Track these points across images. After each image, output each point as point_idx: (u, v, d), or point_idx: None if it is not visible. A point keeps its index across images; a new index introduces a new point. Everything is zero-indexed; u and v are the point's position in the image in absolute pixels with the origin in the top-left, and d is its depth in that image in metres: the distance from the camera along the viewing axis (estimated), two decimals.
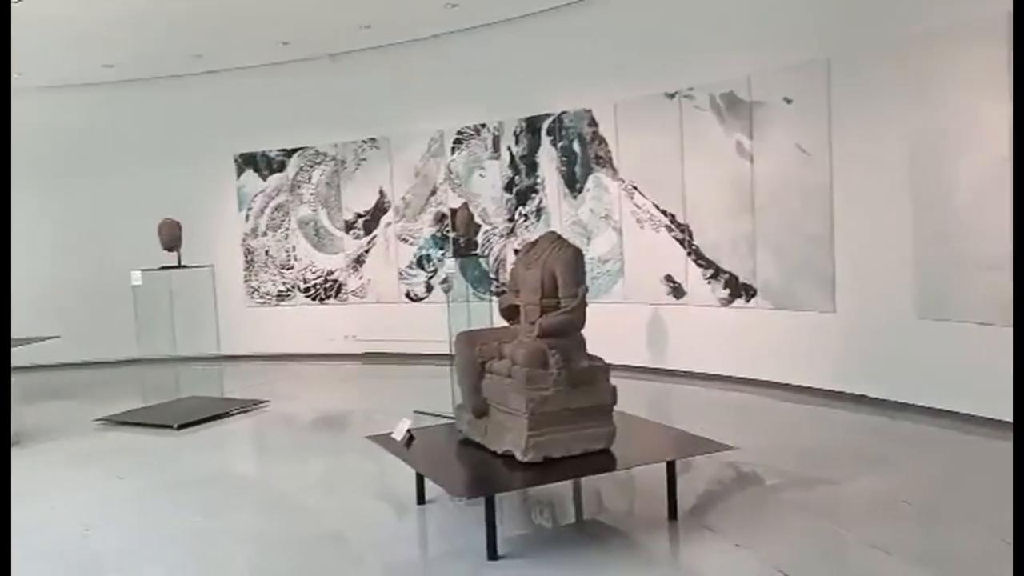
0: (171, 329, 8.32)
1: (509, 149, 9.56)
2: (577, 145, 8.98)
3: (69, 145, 11.03)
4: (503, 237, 9.67)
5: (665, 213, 8.27)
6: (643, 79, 8.28)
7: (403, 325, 10.12)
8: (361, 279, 10.73)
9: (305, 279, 10.99)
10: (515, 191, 9.56)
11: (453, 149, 9.99)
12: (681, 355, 8.31)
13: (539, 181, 9.34)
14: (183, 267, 7.89)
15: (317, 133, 10.68)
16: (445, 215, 10.06)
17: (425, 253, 10.29)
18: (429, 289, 10.24)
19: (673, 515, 4.44)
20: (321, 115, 10.53)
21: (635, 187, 8.53)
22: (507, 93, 9.43)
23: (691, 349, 8.22)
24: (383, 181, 10.48)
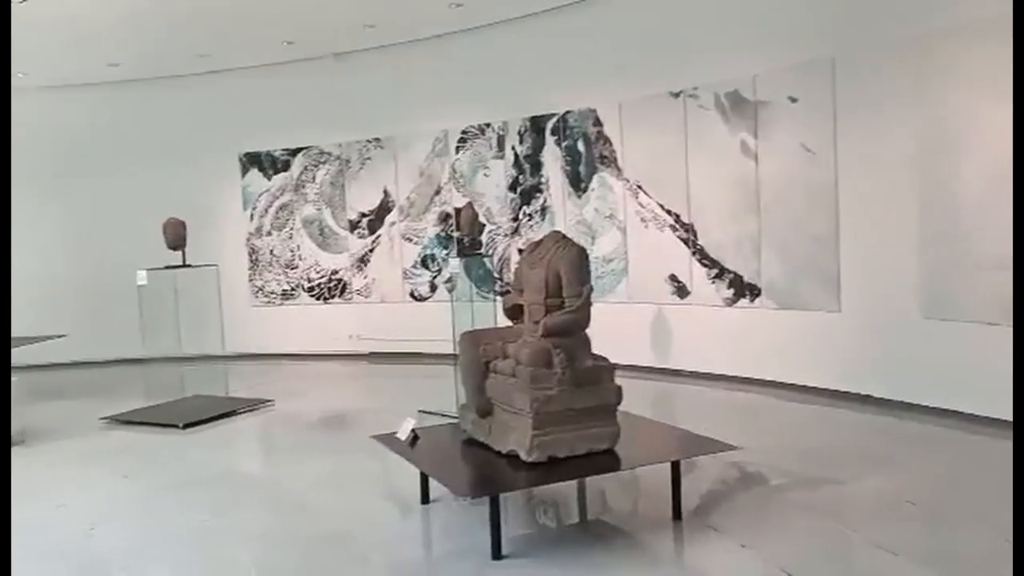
0: (176, 328, 8.33)
1: (513, 148, 9.56)
2: (581, 144, 8.97)
3: (74, 145, 11.05)
4: (507, 236, 9.67)
5: (669, 212, 8.27)
6: (647, 78, 8.28)
7: (407, 324, 10.11)
8: (365, 278, 10.74)
9: (309, 278, 11.00)
10: (519, 190, 9.56)
11: (457, 148, 9.99)
12: (685, 355, 8.30)
13: (543, 180, 9.34)
14: (188, 266, 7.89)
15: (321, 133, 10.69)
16: (449, 214, 10.06)
17: (429, 252, 10.29)
18: (433, 288, 10.24)
19: (678, 515, 4.44)
20: (326, 115, 10.53)
21: (639, 186, 8.52)
22: (511, 92, 9.43)
23: (695, 349, 8.21)
24: (387, 180, 10.49)
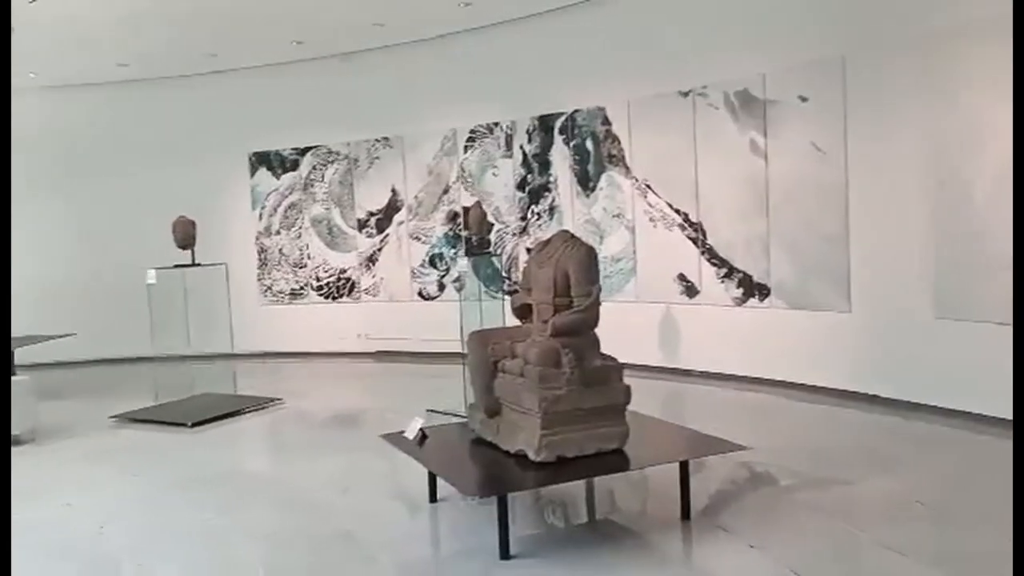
0: (185, 327, 8.35)
1: (522, 147, 9.55)
2: (590, 143, 8.96)
3: (84, 145, 11.10)
4: (516, 235, 9.66)
5: (678, 212, 8.24)
6: (656, 77, 8.25)
7: (415, 324, 10.12)
8: (374, 277, 10.75)
9: (318, 277, 11.02)
10: (528, 190, 9.55)
11: (466, 148, 9.99)
12: (694, 354, 8.28)
13: (552, 180, 9.33)
14: (197, 265, 7.92)
15: (330, 132, 10.71)
16: (458, 214, 10.06)
17: (437, 252, 10.29)
18: (441, 288, 10.24)
19: (686, 515, 4.42)
20: (334, 114, 10.55)
21: (648, 186, 8.50)
22: (520, 91, 9.42)
23: (704, 349, 8.19)
24: (396, 180, 10.49)
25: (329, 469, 6.00)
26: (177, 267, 7.88)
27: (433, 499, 4.86)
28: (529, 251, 8.20)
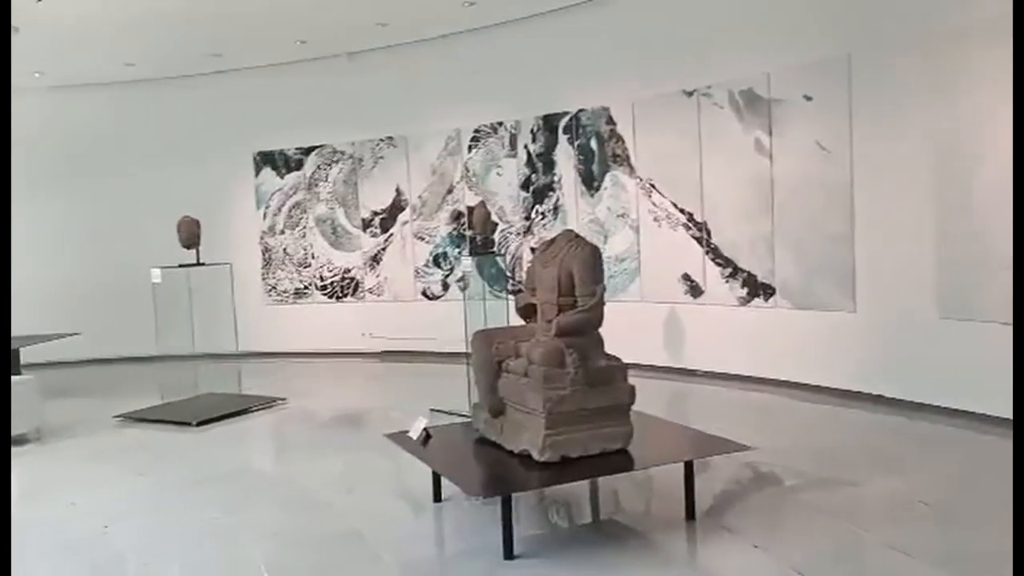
0: (190, 326, 8.35)
1: (526, 147, 9.55)
2: (594, 143, 8.95)
3: (89, 144, 11.12)
4: (520, 235, 9.66)
5: (683, 211, 8.23)
6: (661, 76, 8.24)
7: (419, 323, 10.12)
8: (378, 277, 10.75)
9: (322, 277, 11.03)
10: (532, 189, 9.55)
11: (470, 147, 9.99)
12: (699, 354, 8.27)
13: (556, 179, 9.32)
14: (202, 265, 7.93)
15: (334, 131, 10.71)
16: (462, 213, 10.06)
17: (442, 251, 10.29)
18: (446, 287, 10.25)
19: (691, 515, 4.42)
20: (338, 113, 10.55)
21: (653, 185, 8.49)
22: (524, 91, 9.42)
23: (709, 348, 8.18)
24: (400, 179, 10.49)
25: (333, 468, 6.01)
26: (182, 267, 7.89)
27: (437, 499, 4.86)
28: (533, 251, 8.20)
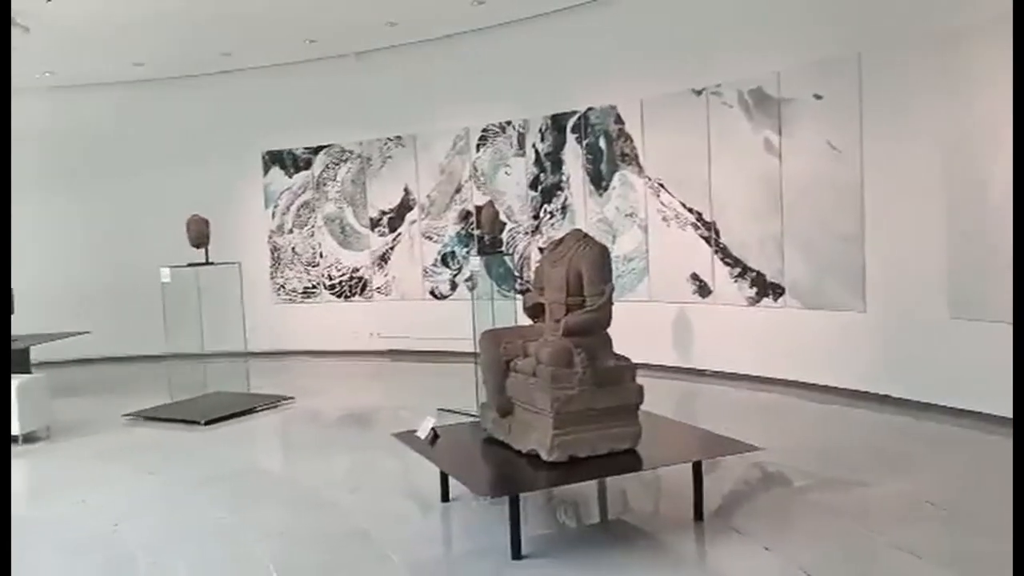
0: (199, 325, 8.38)
1: (534, 146, 9.54)
2: (603, 142, 8.94)
3: (98, 144, 11.15)
4: (528, 235, 9.65)
5: (691, 211, 8.21)
6: (670, 75, 8.22)
7: (428, 323, 10.12)
8: (386, 276, 10.76)
9: (330, 276, 11.04)
10: (540, 188, 9.53)
11: (478, 146, 9.99)
12: (708, 354, 8.24)
13: (564, 178, 9.31)
14: (211, 264, 7.94)
15: (343, 131, 10.72)
16: (470, 212, 10.06)
17: (450, 250, 10.29)
18: (454, 287, 10.24)
19: (699, 516, 4.40)
20: (347, 113, 10.56)
21: (661, 185, 8.47)
22: (532, 90, 9.41)
23: (718, 348, 8.15)
24: (408, 179, 10.50)
25: (341, 468, 6.01)
26: (191, 266, 7.90)
27: (445, 498, 4.86)
28: (542, 250, 8.19)
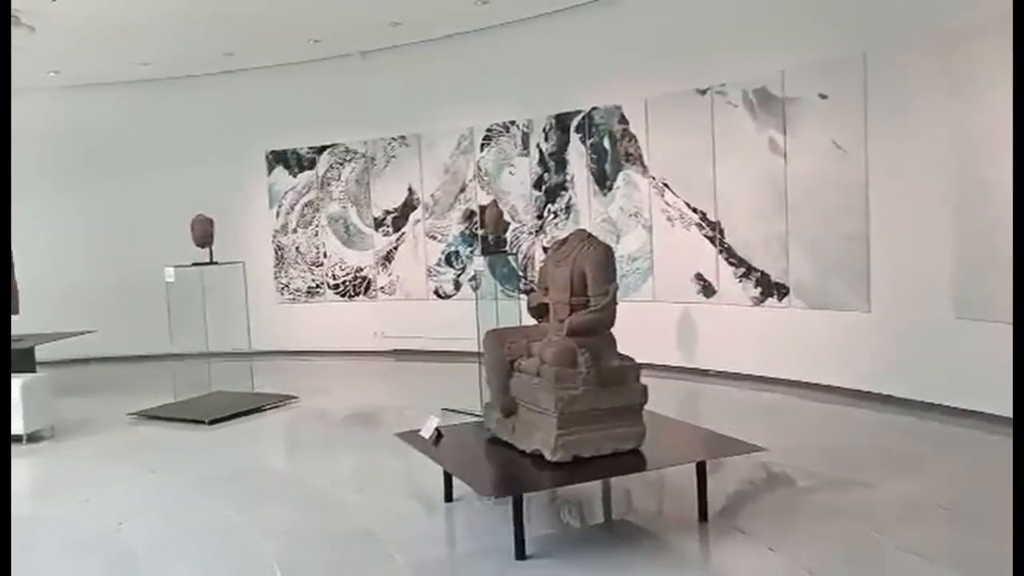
0: (203, 325, 8.39)
1: (538, 146, 9.53)
2: (607, 142, 8.93)
3: (103, 143, 11.17)
4: (532, 234, 9.65)
5: (696, 211, 8.20)
6: (674, 75, 8.21)
7: (431, 322, 10.12)
8: (390, 276, 10.76)
9: (334, 276, 11.04)
10: (544, 188, 9.53)
11: (482, 146, 9.98)
12: (712, 354, 8.23)
13: (568, 178, 9.30)
14: (215, 263, 7.96)
15: (347, 130, 10.73)
16: (474, 212, 10.06)
17: (454, 250, 10.29)
18: (457, 286, 10.24)
19: (703, 516, 4.40)
20: (351, 112, 10.57)
21: (665, 184, 8.46)
22: (537, 90, 9.40)
23: (722, 348, 8.14)
24: (412, 178, 10.50)
25: (345, 467, 6.01)
26: (195, 265, 7.92)
27: (449, 498, 4.86)
28: (546, 250, 8.19)
